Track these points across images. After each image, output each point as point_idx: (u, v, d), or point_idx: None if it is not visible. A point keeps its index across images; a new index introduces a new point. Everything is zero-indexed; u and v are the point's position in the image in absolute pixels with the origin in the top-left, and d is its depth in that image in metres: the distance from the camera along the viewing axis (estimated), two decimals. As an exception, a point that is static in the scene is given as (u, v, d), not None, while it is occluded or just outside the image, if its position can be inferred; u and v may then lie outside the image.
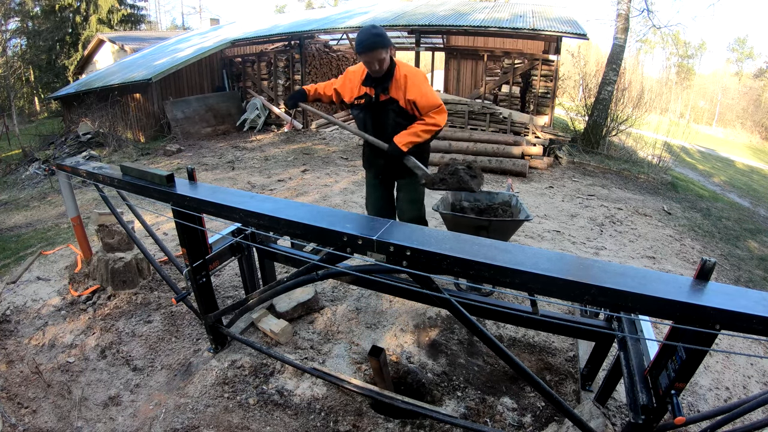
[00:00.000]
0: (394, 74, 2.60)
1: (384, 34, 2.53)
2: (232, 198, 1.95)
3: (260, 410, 2.23)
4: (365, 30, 2.53)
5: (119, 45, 17.24)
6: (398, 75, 2.60)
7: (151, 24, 28.62)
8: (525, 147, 7.88)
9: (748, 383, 2.70)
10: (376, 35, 2.48)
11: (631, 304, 1.24)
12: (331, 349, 2.69)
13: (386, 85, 2.62)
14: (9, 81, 18.91)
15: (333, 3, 38.50)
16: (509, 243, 1.61)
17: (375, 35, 2.48)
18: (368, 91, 2.68)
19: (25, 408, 2.30)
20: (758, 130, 34.31)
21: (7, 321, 3.02)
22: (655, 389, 1.51)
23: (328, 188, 6.20)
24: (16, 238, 5.12)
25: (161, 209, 3.22)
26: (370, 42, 2.46)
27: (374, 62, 2.51)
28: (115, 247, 3.29)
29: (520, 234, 4.63)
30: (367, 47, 2.47)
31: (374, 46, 2.46)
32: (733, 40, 49.45)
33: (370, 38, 2.47)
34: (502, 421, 2.20)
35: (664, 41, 17.05)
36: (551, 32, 8.93)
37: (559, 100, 13.96)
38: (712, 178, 13.37)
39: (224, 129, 11.29)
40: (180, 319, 2.99)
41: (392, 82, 2.61)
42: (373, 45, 2.46)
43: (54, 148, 11.01)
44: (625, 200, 6.63)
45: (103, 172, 2.39)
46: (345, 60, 12.84)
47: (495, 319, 2.56)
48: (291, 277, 1.96)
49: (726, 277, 4.56)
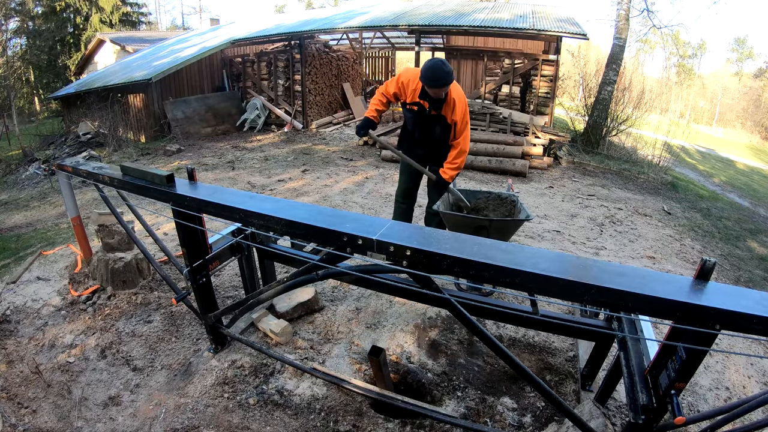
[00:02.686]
0: (448, 98, 2.98)
1: (452, 72, 2.87)
2: (232, 198, 1.95)
3: (260, 410, 2.23)
4: (438, 67, 2.80)
5: (120, 45, 17.24)
6: (450, 99, 2.98)
7: (151, 24, 28.61)
8: (525, 147, 7.88)
9: (748, 383, 2.70)
10: (448, 74, 2.80)
11: (631, 304, 1.24)
12: (331, 349, 2.69)
13: (440, 105, 3.01)
14: (9, 81, 18.91)
15: (333, 3, 38.49)
16: (509, 243, 1.61)
17: (447, 74, 2.80)
18: (423, 104, 3.04)
19: (25, 408, 2.30)
20: (758, 130, 34.30)
21: (7, 321, 3.02)
22: (655, 389, 1.51)
23: (328, 188, 6.20)
24: (16, 238, 5.12)
25: (161, 209, 3.22)
26: (444, 81, 2.80)
27: (441, 94, 2.89)
28: (115, 247, 3.29)
29: (520, 234, 4.63)
30: (440, 84, 2.81)
31: (445, 84, 2.81)
32: (733, 40, 49.39)
33: (444, 77, 2.79)
34: (502, 421, 2.20)
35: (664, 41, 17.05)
36: (551, 32, 8.93)
37: (559, 100, 13.97)
38: (712, 178, 13.37)
39: (224, 129, 11.28)
40: (180, 319, 2.99)
41: (445, 103, 2.99)
42: (445, 83, 2.81)
43: (54, 148, 11.02)
44: (625, 200, 6.63)
45: (103, 172, 2.39)
46: (345, 60, 12.83)
47: (495, 319, 2.56)
48: (291, 277, 1.96)
49: (726, 277, 4.55)
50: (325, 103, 12.16)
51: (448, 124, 3.08)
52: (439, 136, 3.17)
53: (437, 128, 3.13)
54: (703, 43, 43.46)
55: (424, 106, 3.04)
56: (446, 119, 3.05)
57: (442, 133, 3.14)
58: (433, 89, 2.87)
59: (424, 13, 10.91)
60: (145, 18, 25.62)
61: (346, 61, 12.88)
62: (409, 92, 3.08)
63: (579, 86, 14.87)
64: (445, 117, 3.05)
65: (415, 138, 3.30)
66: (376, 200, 5.67)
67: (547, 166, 7.91)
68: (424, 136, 3.24)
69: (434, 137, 3.20)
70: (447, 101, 2.98)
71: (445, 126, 3.09)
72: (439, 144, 3.22)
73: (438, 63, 2.82)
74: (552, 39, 9.66)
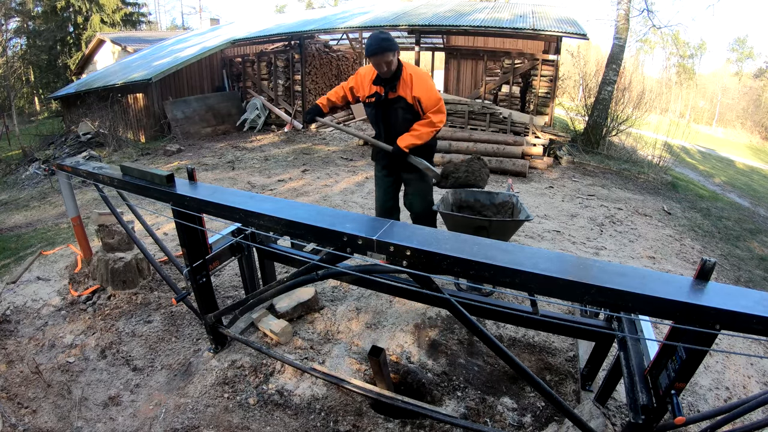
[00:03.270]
0: (401, 74, 2.86)
1: (391, 38, 2.77)
2: (232, 198, 1.95)
3: (260, 410, 2.23)
4: (374, 35, 2.78)
5: (120, 45, 17.25)
6: (405, 75, 2.86)
7: (151, 24, 28.64)
8: (525, 147, 7.88)
9: (748, 383, 2.70)
10: (383, 40, 2.73)
11: (631, 304, 1.24)
12: (331, 349, 2.69)
13: (394, 84, 2.87)
14: (9, 81, 18.90)
15: (333, 3, 38.49)
16: (509, 243, 1.61)
17: (383, 40, 2.73)
18: (378, 90, 2.93)
19: (25, 408, 2.30)
20: (758, 130, 34.30)
21: (7, 321, 3.02)
22: (655, 389, 1.51)
23: (328, 188, 6.20)
24: (16, 238, 5.12)
25: (161, 209, 3.22)
26: (379, 46, 2.70)
27: (382, 64, 2.75)
28: (115, 247, 3.29)
29: (520, 234, 4.63)
30: (376, 51, 2.71)
31: (382, 50, 2.71)
32: (733, 40, 49.46)
33: (378, 42, 2.71)
34: (502, 421, 2.20)
35: (664, 41, 17.04)
36: (551, 32, 8.93)
37: (559, 100, 13.97)
38: (712, 178, 13.37)
39: (224, 129, 11.29)
40: (180, 319, 2.99)
41: (400, 81, 2.86)
42: (381, 49, 2.71)
43: (54, 148, 11.01)
44: (625, 200, 6.63)
45: (103, 172, 2.39)
46: (345, 60, 12.84)
47: (495, 319, 2.56)
48: (291, 277, 1.96)
49: (726, 277, 4.55)
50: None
51: (409, 105, 2.87)
52: (402, 120, 2.94)
53: (399, 113, 2.92)
54: (703, 43, 43.49)
55: (380, 92, 2.90)
56: (406, 99, 2.86)
57: (404, 115, 2.92)
58: (373, 58, 2.73)
59: (424, 13, 10.91)
60: (145, 18, 25.64)
61: (346, 61, 12.89)
62: (366, 83, 2.96)
63: (579, 86, 14.87)
64: (404, 97, 2.86)
65: (382, 136, 3.09)
66: (376, 200, 5.66)
67: (547, 166, 7.91)
68: (389, 128, 3.01)
69: (398, 124, 2.96)
70: (402, 78, 2.83)
71: (407, 107, 2.89)
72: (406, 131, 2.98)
73: (376, 32, 2.79)
74: (552, 39, 9.66)
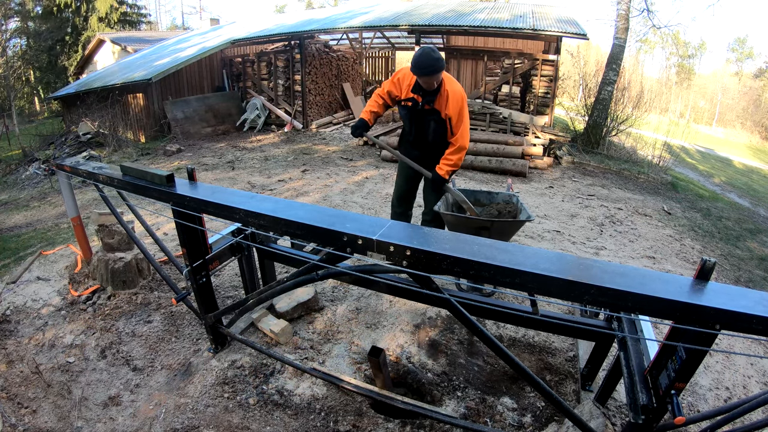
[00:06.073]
0: (441, 89, 2.90)
1: (441, 58, 2.79)
2: (232, 198, 1.95)
3: (260, 410, 2.23)
4: (426, 54, 2.75)
5: (120, 45, 17.23)
6: (443, 90, 2.90)
7: (151, 24, 28.59)
8: (525, 147, 7.88)
9: (748, 383, 2.70)
10: (437, 60, 2.74)
11: (631, 304, 1.24)
12: (330, 349, 2.69)
13: (432, 98, 2.94)
14: (9, 81, 18.91)
15: (333, 3, 38.48)
16: (509, 243, 1.61)
17: (436, 60, 2.73)
18: (416, 98, 2.98)
19: (25, 408, 2.30)
20: (758, 130, 34.29)
21: (7, 321, 3.02)
22: (655, 389, 1.51)
23: (328, 188, 6.20)
24: (16, 238, 5.12)
25: (161, 209, 3.22)
26: (433, 68, 2.73)
27: (432, 83, 2.82)
28: (115, 247, 3.29)
29: (520, 234, 4.63)
30: (430, 72, 2.74)
31: (435, 71, 2.74)
32: (733, 40, 49.39)
33: (432, 63, 2.73)
34: (502, 421, 2.20)
35: (664, 41, 17.07)
36: (551, 32, 8.93)
37: (559, 100, 13.96)
38: (712, 178, 13.36)
39: (224, 129, 11.28)
40: (180, 319, 2.99)
41: (438, 96, 2.92)
42: (435, 70, 2.74)
43: (54, 148, 11.01)
44: (625, 200, 6.63)
45: (103, 172, 2.39)
46: (345, 60, 12.83)
47: (495, 319, 2.56)
48: (291, 277, 1.96)
49: (726, 277, 4.55)
50: (325, 103, 12.17)
51: (442, 120, 2.97)
52: (434, 134, 3.07)
53: (431, 124, 3.04)
54: (702, 43, 43.51)
55: (417, 100, 2.98)
56: (440, 114, 2.96)
57: (437, 129, 3.04)
58: (422, 78, 2.80)
59: (425, 13, 10.90)
60: (145, 18, 25.63)
61: (346, 61, 12.88)
62: (404, 87, 3.03)
63: (579, 86, 14.87)
64: (439, 111, 2.96)
65: (411, 138, 3.23)
66: (376, 200, 5.67)
67: (547, 166, 7.91)
68: (420, 134, 3.15)
69: (429, 135, 3.10)
70: (440, 93, 2.91)
71: (439, 122, 2.99)
72: (436, 145, 3.14)
73: (427, 50, 2.76)
74: (552, 39, 9.66)
